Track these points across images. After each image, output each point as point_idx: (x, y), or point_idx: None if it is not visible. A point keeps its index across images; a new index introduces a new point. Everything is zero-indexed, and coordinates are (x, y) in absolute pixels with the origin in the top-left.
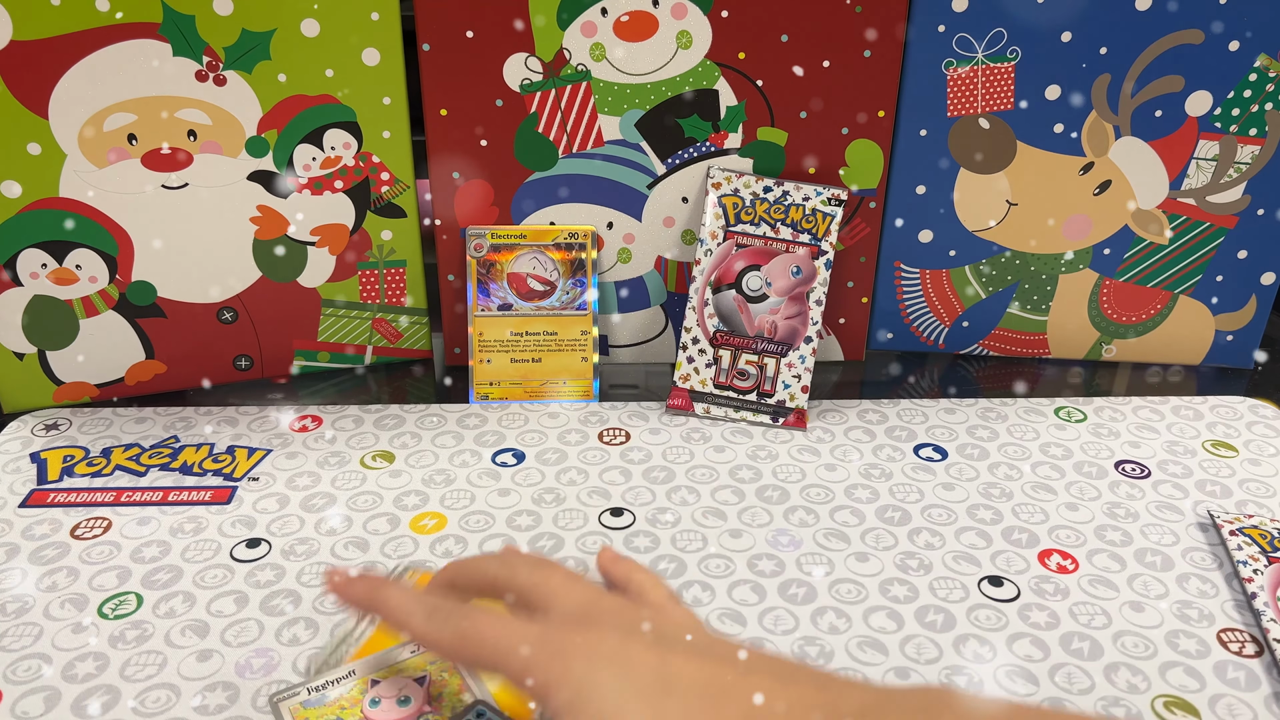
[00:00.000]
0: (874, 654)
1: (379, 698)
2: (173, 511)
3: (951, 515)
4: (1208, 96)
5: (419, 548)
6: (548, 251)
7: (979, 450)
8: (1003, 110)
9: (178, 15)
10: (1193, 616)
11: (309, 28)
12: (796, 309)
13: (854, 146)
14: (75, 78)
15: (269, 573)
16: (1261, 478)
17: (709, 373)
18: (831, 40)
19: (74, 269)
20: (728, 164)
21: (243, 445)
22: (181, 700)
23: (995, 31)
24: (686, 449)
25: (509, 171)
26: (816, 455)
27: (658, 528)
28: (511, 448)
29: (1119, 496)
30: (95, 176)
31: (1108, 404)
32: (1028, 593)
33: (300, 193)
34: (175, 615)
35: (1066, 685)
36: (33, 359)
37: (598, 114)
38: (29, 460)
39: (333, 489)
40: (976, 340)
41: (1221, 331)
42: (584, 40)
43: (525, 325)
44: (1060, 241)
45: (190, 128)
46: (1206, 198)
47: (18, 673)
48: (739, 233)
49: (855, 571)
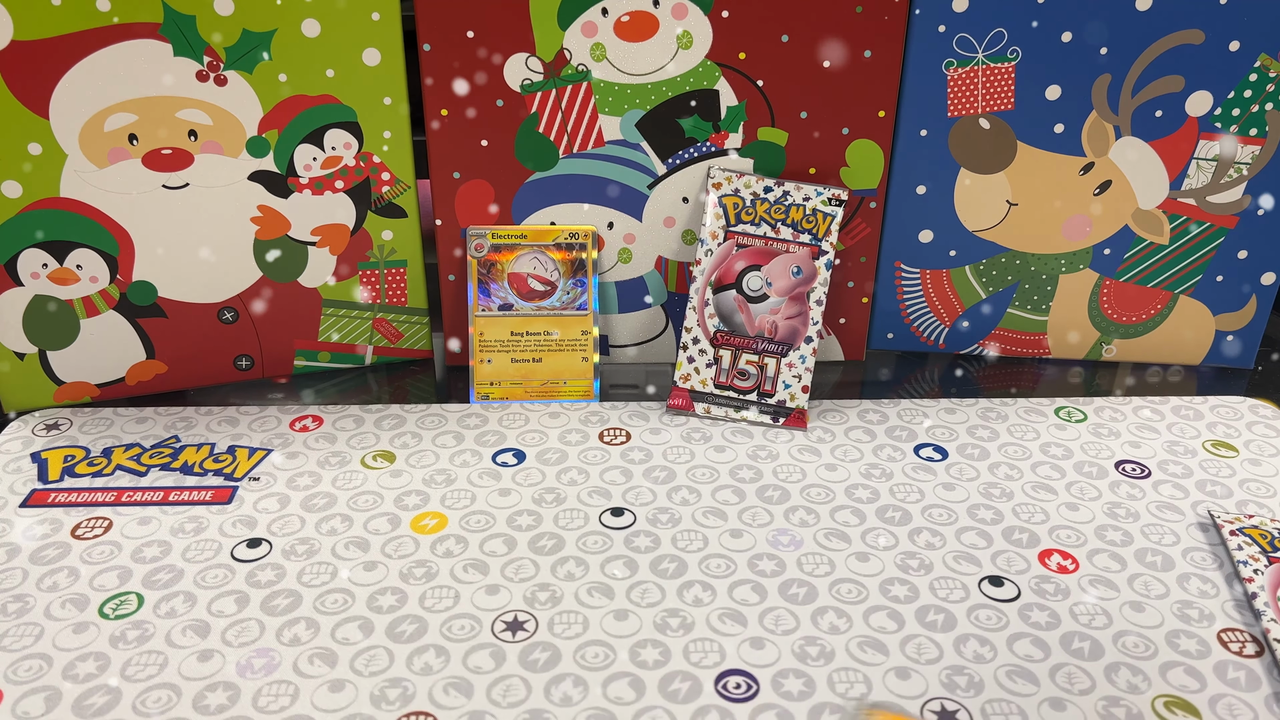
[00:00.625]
0: (874, 654)
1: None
2: (173, 511)
3: (952, 515)
4: (1208, 96)
5: (419, 548)
6: (548, 251)
7: (979, 450)
8: (1003, 110)
9: (178, 15)
10: (1193, 616)
11: (309, 28)
12: (797, 309)
13: (854, 146)
14: (75, 77)
15: (269, 573)
16: (1262, 478)
17: (709, 373)
18: (831, 40)
19: (74, 269)
20: (728, 164)
21: (243, 445)
22: (182, 700)
23: (995, 31)
24: (687, 449)
25: (509, 171)
26: (817, 455)
27: (658, 527)
28: (512, 448)
29: (1119, 496)
30: (96, 176)
31: (1108, 404)
32: (1028, 593)
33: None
34: (176, 615)
35: (1067, 685)
36: (33, 359)
37: (598, 114)
38: (29, 460)
39: (333, 489)
40: (976, 340)
41: (1221, 331)
42: (584, 40)
43: (526, 325)
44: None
45: (191, 128)
46: (1206, 198)
47: (18, 673)
48: (739, 233)
49: (855, 571)
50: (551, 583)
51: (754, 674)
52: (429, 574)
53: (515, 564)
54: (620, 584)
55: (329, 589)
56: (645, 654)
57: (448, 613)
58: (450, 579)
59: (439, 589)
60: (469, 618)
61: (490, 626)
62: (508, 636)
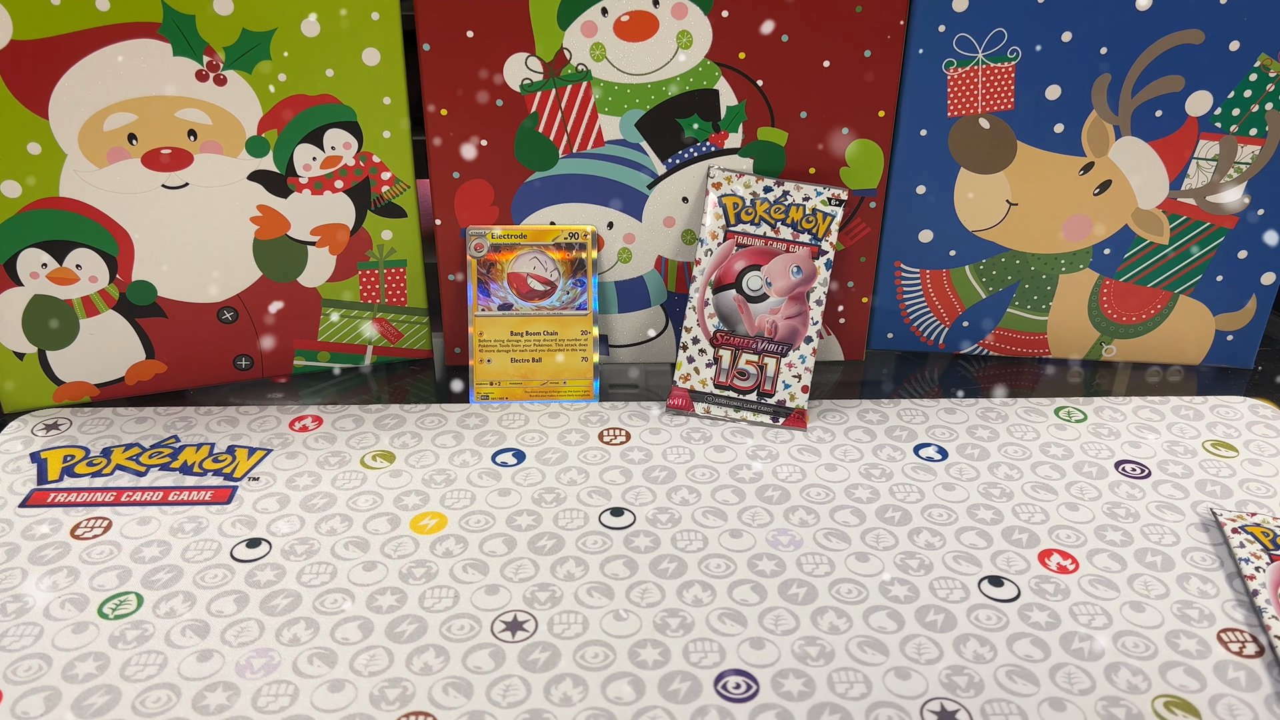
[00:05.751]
0: (874, 654)
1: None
2: (173, 511)
3: (952, 515)
4: (1208, 96)
5: (419, 547)
6: (548, 251)
7: (979, 450)
8: (1003, 110)
9: (178, 15)
10: (1193, 616)
11: (309, 27)
12: (797, 309)
13: (854, 146)
14: (75, 77)
15: (269, 573)
16: (1262, 478)
17: (709, 372)
18: (831, 40)
19: (74, 269)
20: (728, 164)
21: (243, 445)
22: (181, 700)
23: (995, 31)
24: (687, 449)
25: (509, 171)
26: (817, 455)
27: (658, 527)
28: (512, 447)
29: (1119, 496)
30: (96, 176)
31: (1108, 404)
32: (1028, 592)
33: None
34: (175, 615)
35: (1067, 685)
36: (33, 359)
37: (598, 114)
38: (29, 460)
39: (333, 489)
40: (976, 340)
41: (1221, 331)
42: (584, 40)
43: (525, 325)
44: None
45: (190, 127)
46: (1206, 198)
47: (18, 673)
48: (739, 233)
49: (855, 571)
50: (551, 583)
51: (754, 674)
52: (429, 574)
53: (515, 564)
54: (620, 584)
55: (328, 589)
56: (645, 654)
57: (447, 613)
58: (450, 579)
59: (438, 589)
60: (468, 618)
61: (490, 626)
62: (507, 636)
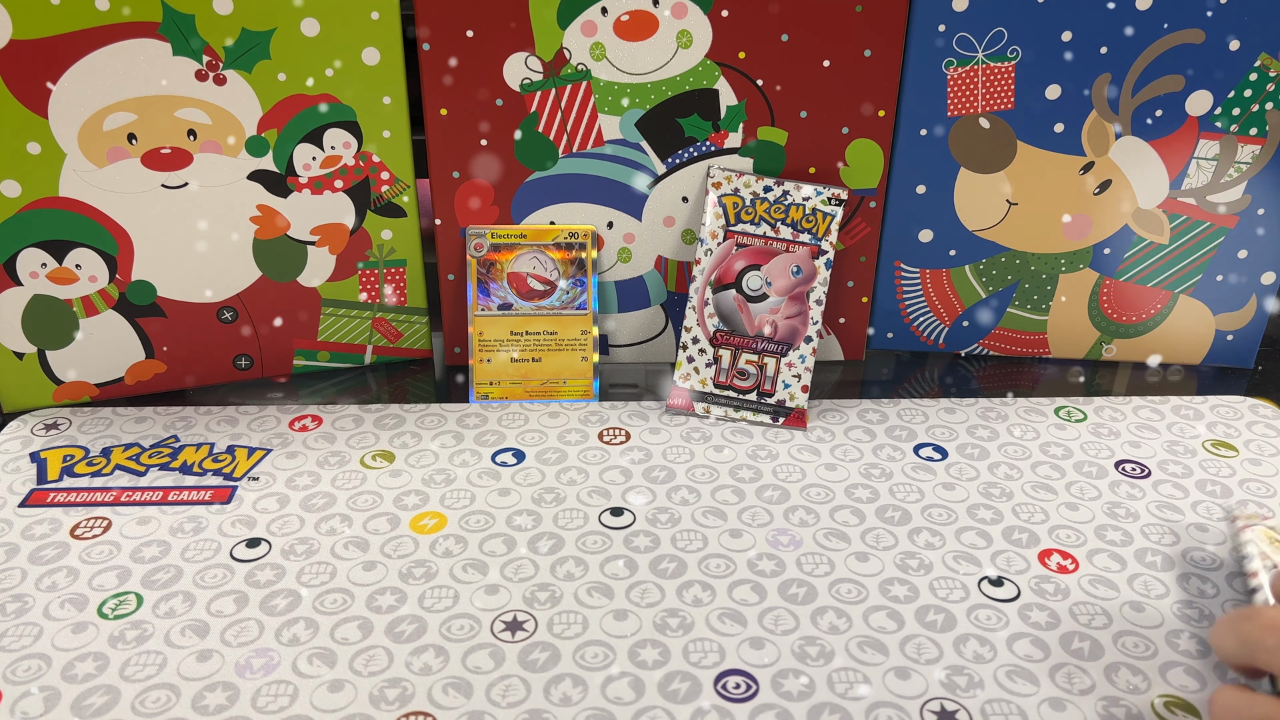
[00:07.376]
0: (874, 654)
1: None
2: (173, 511)
3: (951, 515)
4: (1208, 96)
5: (419, 547)
6: (548, 251)
7: (979, 450)
8: (1003, 110)
9: (178, 15)
10: (1193, 616)
11: (309, 27)
12: (796, 309)
13: (854, 146)
14: (75, 77)
15: (269, 573)
16: (1262, 478)
17: (709, 372)
18: (831, 40)
19: (74, 268)
20: (728, 164)
21: (243, 445)
22: (181, 700)
23: (995, 31)
24: (686, 449)
25: (509, 171)
26: (817, 455)
27: (658, 527)
28: (511, 447)
29: (1119, 496)
30: (95, 176)
31: (1108, 404)
32: (1028, 592)
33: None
34: (175, 615)
35: (1067, 685)
36: (32, 359)
37: (598, 113)
38: (29, 460)
39: (333, 489)
40: (977, 340)
41: (1221, 331)
42: (584, 40)
43: (525, 325)
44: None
45: (190, 127)
46: (1207, 197)
47: (18, 673)
48: (739, 232)
49: (855, 571)
50: (551, 583)
51: (754, 674)
52: (428, 574)
53: (515, 564)
54: (620, 584)
55: (328, 589)
56: (645, 654)
57: (447, 613)
58: (449, 579)
59: (438, 589)
60: (468, 618)
61: (489, 626)
62: (507, 636)
